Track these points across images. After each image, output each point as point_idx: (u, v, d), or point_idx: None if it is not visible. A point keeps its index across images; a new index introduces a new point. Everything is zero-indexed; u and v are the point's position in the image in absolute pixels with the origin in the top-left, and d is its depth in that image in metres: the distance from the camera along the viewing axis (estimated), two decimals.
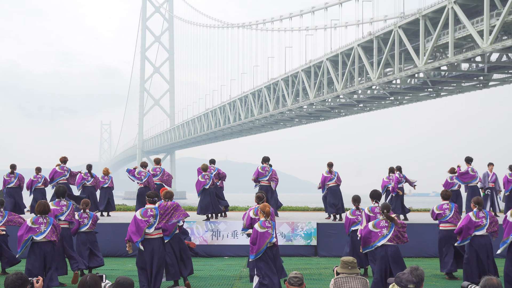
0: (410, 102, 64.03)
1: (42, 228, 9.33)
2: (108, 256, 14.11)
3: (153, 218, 9.08)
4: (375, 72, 53.23)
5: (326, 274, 11.76)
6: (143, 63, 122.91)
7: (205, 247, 14.63)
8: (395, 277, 5.36)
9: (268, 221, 8.91)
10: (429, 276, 11.58)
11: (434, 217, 11.44)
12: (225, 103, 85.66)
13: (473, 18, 42.68)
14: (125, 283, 5.03)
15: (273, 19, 76.04)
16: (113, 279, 5.50)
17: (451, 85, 55.67)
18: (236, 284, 10.70)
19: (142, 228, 9.00)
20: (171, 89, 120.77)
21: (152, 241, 9.16)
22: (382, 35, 52.33)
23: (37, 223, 9.34)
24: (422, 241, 14.18)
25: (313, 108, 68.95)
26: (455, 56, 44.48)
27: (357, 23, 58.11)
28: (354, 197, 11.47)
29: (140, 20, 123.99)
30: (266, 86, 73.83)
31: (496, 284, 4.63)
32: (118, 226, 14.71)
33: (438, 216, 11.34)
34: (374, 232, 9.01)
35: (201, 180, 15.31)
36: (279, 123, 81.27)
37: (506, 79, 52.27)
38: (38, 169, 16.27)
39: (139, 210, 9.25)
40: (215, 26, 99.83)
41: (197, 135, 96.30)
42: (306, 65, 64.59)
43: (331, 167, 15.41)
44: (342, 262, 6.09)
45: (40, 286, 5.11)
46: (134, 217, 9.12)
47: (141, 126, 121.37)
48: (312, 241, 14.59)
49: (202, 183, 15.28)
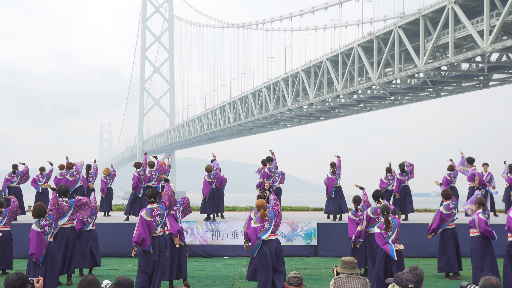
0: (410, 102, 64.04)
1: (47, 230, 9.36)
2: (108, 256, 14.12)
3: (160, 217, 9.10)
4: (375, 72, 53.24)
5: (326, 274, 11.75)
6: (143, 63, 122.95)
7: (205, 247, 14.62)
8: (395, 277, 5.35)
9: (265, 215, 9.08)
10: (429, 276, 11.58)
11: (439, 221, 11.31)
12: (225, 103, 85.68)
13: (473, 18, 42.69)
14: (125, 283, 5.03)
15: (273, 19, 76.06)
16: (113, 279, 5.50)
17: (451, 85, 55.68)
18: (236, 284, 10.70)
19: (152, 229, 9.01)
20: (171, 89, 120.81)
21: (158, 239, 9.20)
22: (382, 35, 52.34)
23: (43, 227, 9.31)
24: (422, 241, 14.16)
25: (313, 108, 68.96)
26: (455, 56, 44.49)
27: (357, 23, 58.12)
28: (355, 197, 11.43)
29: (140, 20, 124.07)
30: (266, 86, 73.84)
31: (495, 284, 4.63)
32: (118, 226, 14.73)
33: (447, 217, 11.25)
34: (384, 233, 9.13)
35: (208, 180, 15.24)
36: (279, 123, 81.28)
37: (506, 79, 52.27)
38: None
39: (143, 211, 9.12)
40: (215, 26, 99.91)
41: (197, 135, 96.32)
42: (306, 65, 64.59)
43: (334, 167, 15.41)
44: (342, 262, 6.09)
45: (40, 286, 5.11)
46: (141, 219, 8.99)
47: (141, 126, 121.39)
48: (312, 241, 14.59)
49: (209, 184, 15.23)
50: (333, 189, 15.35)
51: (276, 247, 9.17)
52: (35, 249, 9.05)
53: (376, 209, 10.42)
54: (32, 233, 9.17)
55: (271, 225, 9.08)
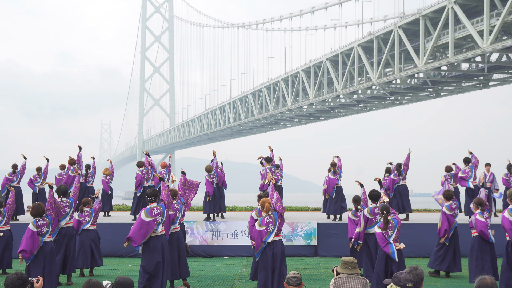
0: (410, 102, 64.00)
1: (44, 230, 9.27)
2: (108, 256, 14.13)
3: (160, 216, 9.00)
4: (375, 72, 53.23)
5: (326, 274, 11.75)
6: (143, 63, 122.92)
7: (205, 247, 14.62)
8: (393, 277, 5.34)
9: (269, 216, 9.02)
10: (429, 276, 11.58)
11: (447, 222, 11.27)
12: (225, 103, 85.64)
13: (473, 18, 42.68)
14: (125, 283, 5.03)
15: (273, 19, 76.00)
16: (113, 279, 5.50)
17: (451, 85, 55.65)
18: (236, 284, 10.70)
19: (152, 228, 8.90)
20: (171, 89, 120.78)
21: (160, 238, 9.09)
22: (382, 35, 52.32)
23: (40, 227, 9.24)
24: (422, 241, 14.18)
25: (313, 108, 68.93)
26: (455, 56, 44.47)
27: (357, 23, 58.09)
28: (355, 197, 11.41)
29: (140, 20, 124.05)
30: (266, 86, 73.81)
31: (490, 284, 4.60)
32: (118, 226, 14.73)
33: (451, 217, 11.23)
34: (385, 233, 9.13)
35: (209, 180, 15.16)
36: (279, 123, 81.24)
37: (506, 79, 52.24)
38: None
39: (143, 211, 9.02)
40: (215, 26, 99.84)
41: (197, 135, 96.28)
42: (306, 65, 64.56)
43: (335, 166, 15.41)
44: (342, 262, 6.09)
45: (40, 286, 5.11)
46: (139, 219, 8.93)
47: (141, 126, 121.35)
48: (312, 241, 14.58)
49: (211, 184, 15.20)
50: (334, 189, 15.35)
51: (280, 248, 9.14)
52: (25, 246, 8.99)
53: (373, 209, 10.37)
54: (27, 231, 9.12)
55: (275, 226, 9.05)
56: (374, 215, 10.30)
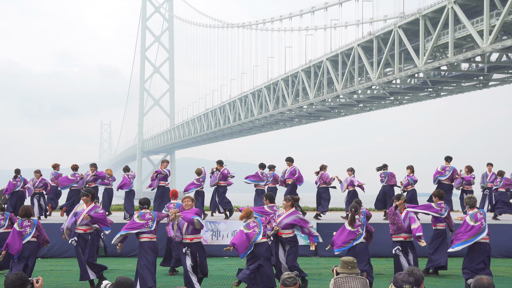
0: (410, 102, 64.02)
1: (28, 231, 9.89)
2: (108, 256, 14.10)
3: (151, 221, 9.58)
4: (375, 72, 53.22)
5: (326, 274, 11.76)
6: (143, 63, 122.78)
7: (205, 247, 14.53)
8: (393, 278, 5.33)
9: (253, 221, 9.48)
10: (429, 276, 11.59)
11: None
12: (225, 103, 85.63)
13: (473, 18, 42.67)
14: (125, 283, 5.03)
15: (273, 19, 75.98)
16: (113, 279, 5.51)
17: (451, 85, 55.67)
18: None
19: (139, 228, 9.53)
20: (171, 89, 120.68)
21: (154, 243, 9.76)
22: (382, 35, 52.31)
23: (23, 227, 9.91)
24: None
25: (313, 108, 68.93)
26: (455, 56, 44.48)
27: (357, 23, 58.09)
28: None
29: (140, 20, 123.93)
30: (266, 86, 73.81)
31: (486, 284, 4.60)
32: (118, 226, 14.68)
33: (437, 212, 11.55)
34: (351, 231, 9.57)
35: (197, 184, 15.54)
36: (279, 123, 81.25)
37: (506, 79, 52.26)
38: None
39: (136, 214, 9.74)
40: (215, 26, 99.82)
41: (197, 135, 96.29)
42: (306, 65, 64.57)
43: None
44: (342, 262, 6.09)
45: (40, 286, 5.12)
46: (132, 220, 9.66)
47: (141, 126, 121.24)
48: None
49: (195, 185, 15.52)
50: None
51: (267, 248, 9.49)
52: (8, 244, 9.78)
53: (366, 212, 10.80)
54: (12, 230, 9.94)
55: (261, 229, 9.40)
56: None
